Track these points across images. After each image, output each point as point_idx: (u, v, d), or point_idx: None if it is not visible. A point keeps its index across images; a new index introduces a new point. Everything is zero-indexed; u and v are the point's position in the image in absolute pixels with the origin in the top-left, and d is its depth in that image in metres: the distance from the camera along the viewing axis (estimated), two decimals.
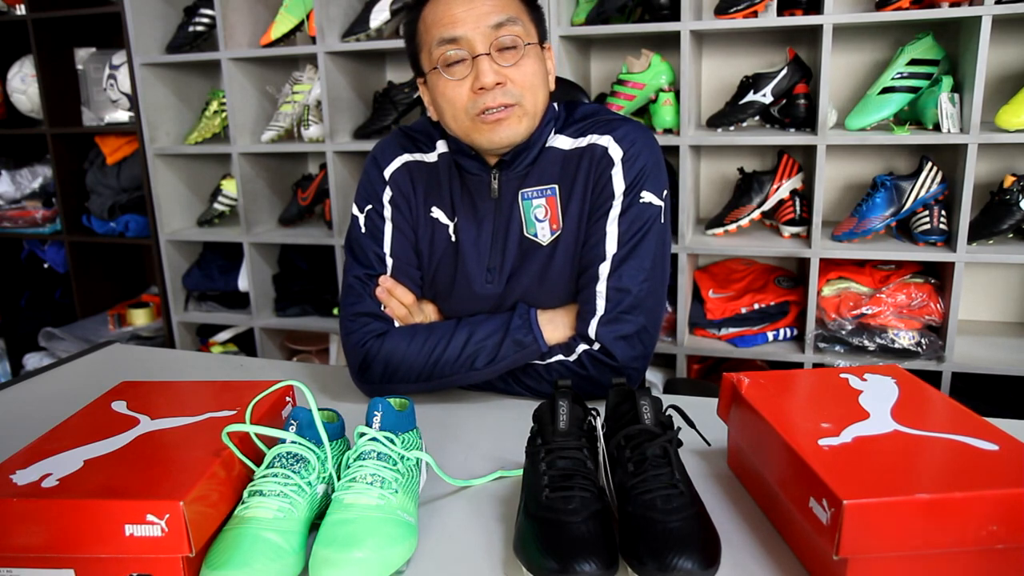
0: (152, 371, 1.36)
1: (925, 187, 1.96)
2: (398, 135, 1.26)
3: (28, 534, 0.71)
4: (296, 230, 2.57)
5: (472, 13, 1.07)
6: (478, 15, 1.07)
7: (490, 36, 1.07)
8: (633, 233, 1.13)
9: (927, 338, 2.01)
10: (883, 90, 1.95)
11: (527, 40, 1.10)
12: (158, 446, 0.83)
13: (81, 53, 2.77)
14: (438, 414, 1.13)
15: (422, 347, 1.14)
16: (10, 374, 3.08)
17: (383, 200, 1.22)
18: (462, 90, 1.09)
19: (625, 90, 2.14)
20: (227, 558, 0.70)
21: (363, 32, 2.24)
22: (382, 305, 1.20)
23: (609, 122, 1.18)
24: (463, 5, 1.07)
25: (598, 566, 0.67)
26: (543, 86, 1.14)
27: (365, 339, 1.17)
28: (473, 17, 1.07)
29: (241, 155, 2.48)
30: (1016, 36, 2.03)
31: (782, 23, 1.95)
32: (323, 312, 2.57)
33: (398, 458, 0.81)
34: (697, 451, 0.97)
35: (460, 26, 1.07)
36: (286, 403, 1.00)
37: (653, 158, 1.16)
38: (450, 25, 1.07)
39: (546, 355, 1.14)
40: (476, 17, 1.07)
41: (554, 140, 1.18)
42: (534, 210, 1.17)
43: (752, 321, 2.15)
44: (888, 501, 0.64)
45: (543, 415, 0.83)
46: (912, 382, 0.89)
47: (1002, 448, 0.72)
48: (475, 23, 1.06)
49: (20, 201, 2.94)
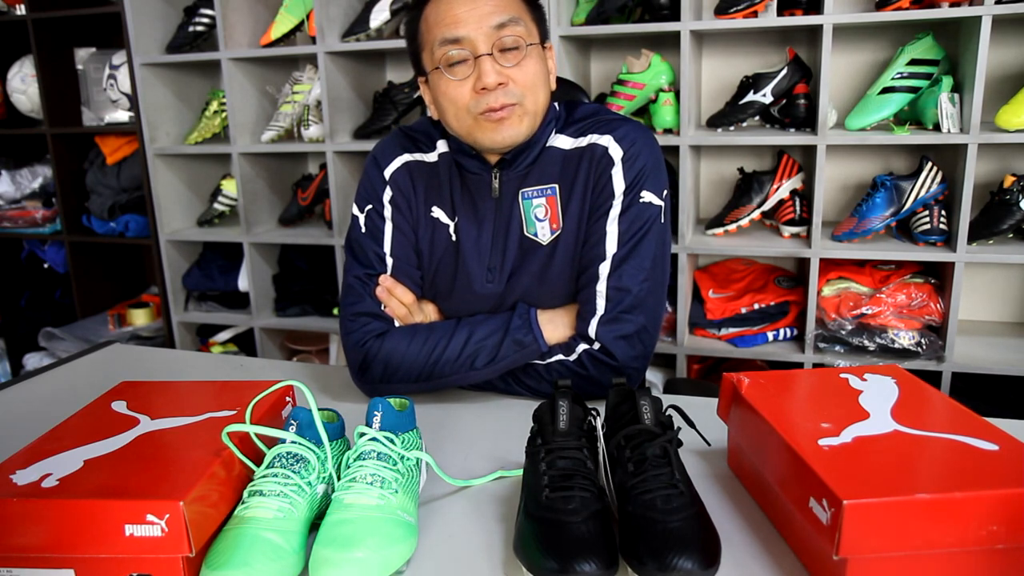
0: (152, 371, 1.36)
1: (925, 187, 1.96)
2: (398, 135, 1.26)
3: (28, 534, 0.71)
4: (296, 230, 2.57)
5: (474, 13, 1.07)
6: (480, 15, 1.07)
7: (492, 36, 1.07)
8: (633, 233, 1.14)
9: (927, 338, 2.01)
10: (883, 90, 1.95)
11: (529, 40, 1.10)
12: (158, 446, 0.83)
13: (81, 53, 2.77)
14: (438, 414, 1.13)
15: (422, 347, 1.14)
16: (10, 374, 3.08)
17: (383, 200, 1.22)
18: (464, 90, 1.09)
19: (625, 90, 2.14)
20: (227, 558, 0.70)
21: (363, 32, 2.24)
22: (382, 305, 1.20)
23: (609, 122, 1.18)
24: (465, 5, 1.07)
25: (598, 566, 0.67)
26: (544, 86, 1.14)
27: (365, 339, 1.17)
28: (476, 17, 1.06)
29: (241, 155, 2.48)
30: (1016, 36, 2.03)
31: (782, 23, 1.95)
32: (323, 312, 2.57)
33: (398, 458, 0.81)
34: (697, 451, 0.97)
35: (463, 26, 1.07)
36: (286, 403, 1.00)
37: (653, 158, 1.17)
38: (452, 25, 1.07)
39: (546, 355, 1.14)
40: (479, 17, 1.06)
41: (555, 140, 1.18)
42: (534, 209, 1.17)
43: (752, 321, 2.15)
44: (888, 501, 0.64)
45: (543, 415, 0.83)
46: (912, 382, 0.89)
47: (1002, 448, 0.72)
48: (477, 23, 1.06)
49: (20, 201, 2.94)
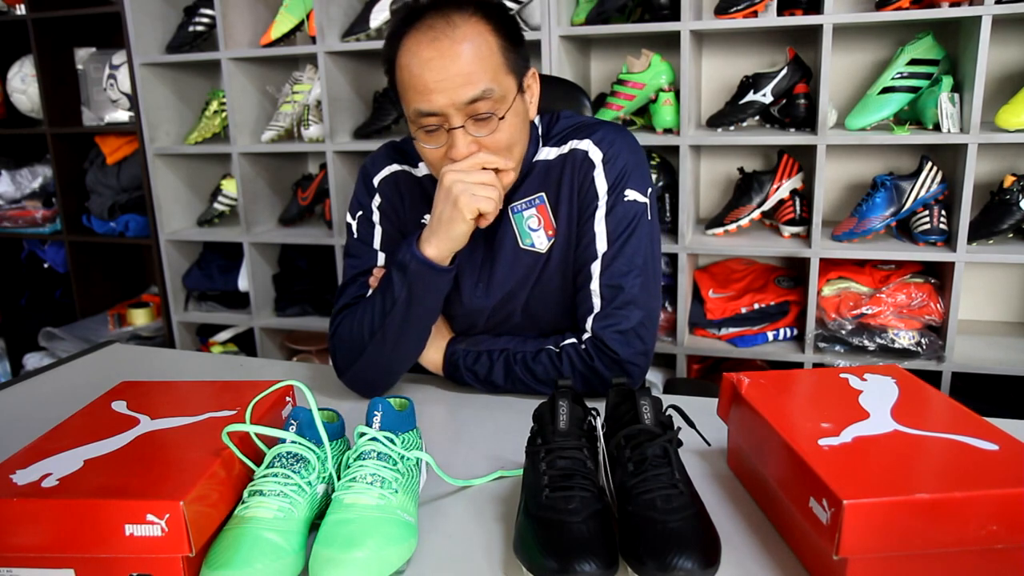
0: (152, 371, 1.36)
1: (925, 187, 1.96)
2: (388, 148, 1.29)
3: (28, 534, 0.71)
4: (296, 230, 2.57)
5: (445, 84, 1.02)
6: (452, 87, 1.02)
7: (465, 110, 1.04)
8: (621, 231, 1.15)
9: (927, 338, 2.01)
10: (883, 90, 1.95)
11: (505, 106, 1.07)
12: (158, 446, 0.83)
13: (81, 53, 2.77)
14: (438, 414, 1.14)
15: (363, 314, 1.16)
16: (10, 374, 3.08)
17: (372, 207, 1.25)
18: (440, 153, 1.09)
19: (625, 90, 2.14)
20: (227, 558, 0.70)
21: (363, 32, 2.24)
22: (369, 292, 1.21)
23: (588, 126, 1.20)
24: (436, 72, 1.02)
25: (598, 566, 0.67)
26: (523, 135, 1.13)
27: (334, 330, 1.20)
28: (447, 88, 1.02)
29: (241, 155, 2.48)
30: (1016, 36, 2.02)
31: (782, 23, 1.95)
32: (323, 312, 2.57)
33: (398, 458, 0.81)
34: (697, 451, 0.97)
35: (435, 98, 1.03)
36: (286, 403, 1.00)
37: (633, 157, 1.18)
38: (424, 95, 1.04)
39: (547, 351, 1.15)
40: (450, 89, 1.02)
41: (540, 154, 1.20)
42: (527, 221, 1.19)
43: (752, 321, 2.15)
44: (888, 501, 0.64)
45: (543, 415, 0.83)
46: (912, 382, 0.89)
47: (1002, 448, 0.72)
48: (449, 97, 1.03)
49: (20, 201, 2.94)
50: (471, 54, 1.03)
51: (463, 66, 1.02)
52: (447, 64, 1.02)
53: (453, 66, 1.02)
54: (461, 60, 1.02)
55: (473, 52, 1.03)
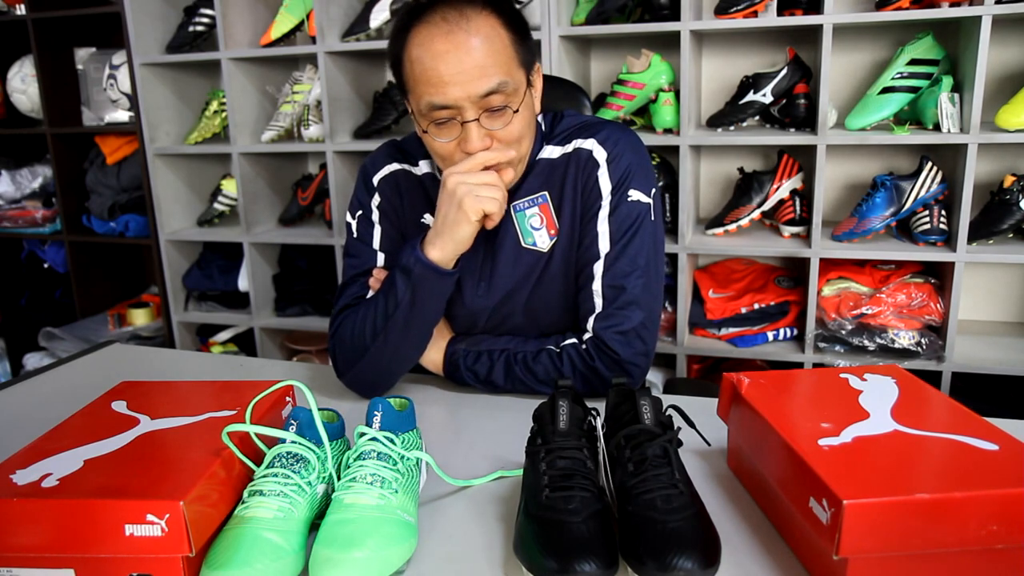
0: (152, 371, 1.36)
1: (925, 187, 1.96)
2: (388, 147, 1.29)
3: (28, 534, 0.71)
4: (296, 230, 2.57)
5: (460, 76, 1.02)
6: (467, 79, 1.02)
7: (479, 103, 1.04)
8: (624, 231, 1.15)
9: (927, 338, 2.01)
10: (883, 90, 1.95)
11: (517, 99, 1.07)
12: (158, 446, 0.83)
13: (81, 53, 2.77)
14: (438, 414, 1.14)
15: (364, 316, 1.16)
16: (10, 374, 3.08)
17: (371, 206, 1.25)
18: (452, 146, 1.08)
19: (625, 90, 2.14)
20: (227, 558, 0.70)
21: (363, 32, 2.24)
22: (369, 293, 1.21)
23: (592, 126, 1.20)
24: (451, 64, 1.02)
25: (598, 566, 0.67)
26: (531, 128, 1.14)
27: (334, 331, 1.20)
28: (461, 81, 1.02)
29: (241, 155, 2.48)
30: (1016, 36, 2.02)
31: (782, 23, 1.95)
32: (323, 312, 2.57)
33: (398, 458, 0.81)
34: (697, 451, 0.97)
35: (449, 91, 1.03)
36: (286, 403, 1.00)
37: (637, 157, 1.18)
38: (438, 88, 1.03)
39: (548, 351, 1.15)
40: (466, 82, 1.02)
41: (543, 152, 1.20)
42: (529, 220, 1.19)
43: (752, 321, 2.15)
44: (888, 501, 0.64)
45: (543, 415, 0.83)
46: (912, 382, 0.89)
47: (1002, 448, 0.72)
48: (464, 89, 1.02)
49: (20, 201, 2.94)
50: (486, 47, 1.03)
51: (478, 59, 1.02)
52: (462, 57, 1.02)
53: (468, 59, 1.02)
54: (476, 53, 1.02)
55: (487, 45, 1.03)
